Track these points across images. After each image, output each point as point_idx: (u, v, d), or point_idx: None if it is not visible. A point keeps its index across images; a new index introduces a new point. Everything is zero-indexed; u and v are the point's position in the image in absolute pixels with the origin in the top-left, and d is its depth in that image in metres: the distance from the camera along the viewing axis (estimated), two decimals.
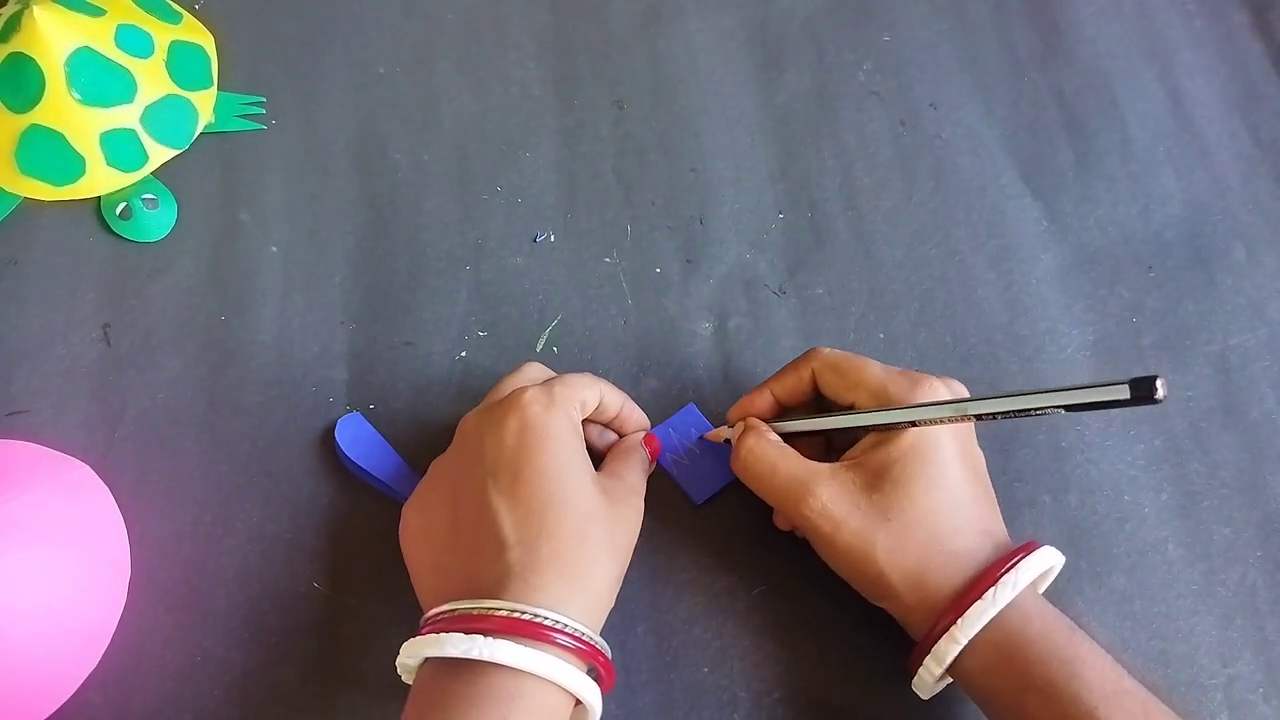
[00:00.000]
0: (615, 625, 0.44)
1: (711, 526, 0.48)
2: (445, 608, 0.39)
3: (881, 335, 0.53)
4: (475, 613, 0.37)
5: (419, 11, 0.61)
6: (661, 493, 0.49)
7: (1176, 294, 0.55)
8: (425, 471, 0.48)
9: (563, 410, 0.42)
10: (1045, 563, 0.41)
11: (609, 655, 0.40)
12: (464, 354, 0.52)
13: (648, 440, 0.48)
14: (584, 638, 0.38)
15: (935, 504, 0.41)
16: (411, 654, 0.38)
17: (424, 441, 0.50)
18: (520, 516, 0.39)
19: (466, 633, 0.37)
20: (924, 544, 0.41)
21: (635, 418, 0.48)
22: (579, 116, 0.59)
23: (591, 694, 0.38)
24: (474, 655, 0.36)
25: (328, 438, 0.49)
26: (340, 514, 0.48)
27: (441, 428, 0.50)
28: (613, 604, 0.41)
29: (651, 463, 0.48)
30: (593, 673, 0.39)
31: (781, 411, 0.47)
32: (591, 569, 0.39)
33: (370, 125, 0.58)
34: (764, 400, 0.47)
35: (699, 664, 0.46)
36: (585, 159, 0.57)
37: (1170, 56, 0.62)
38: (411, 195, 0.56)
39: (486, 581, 0.39)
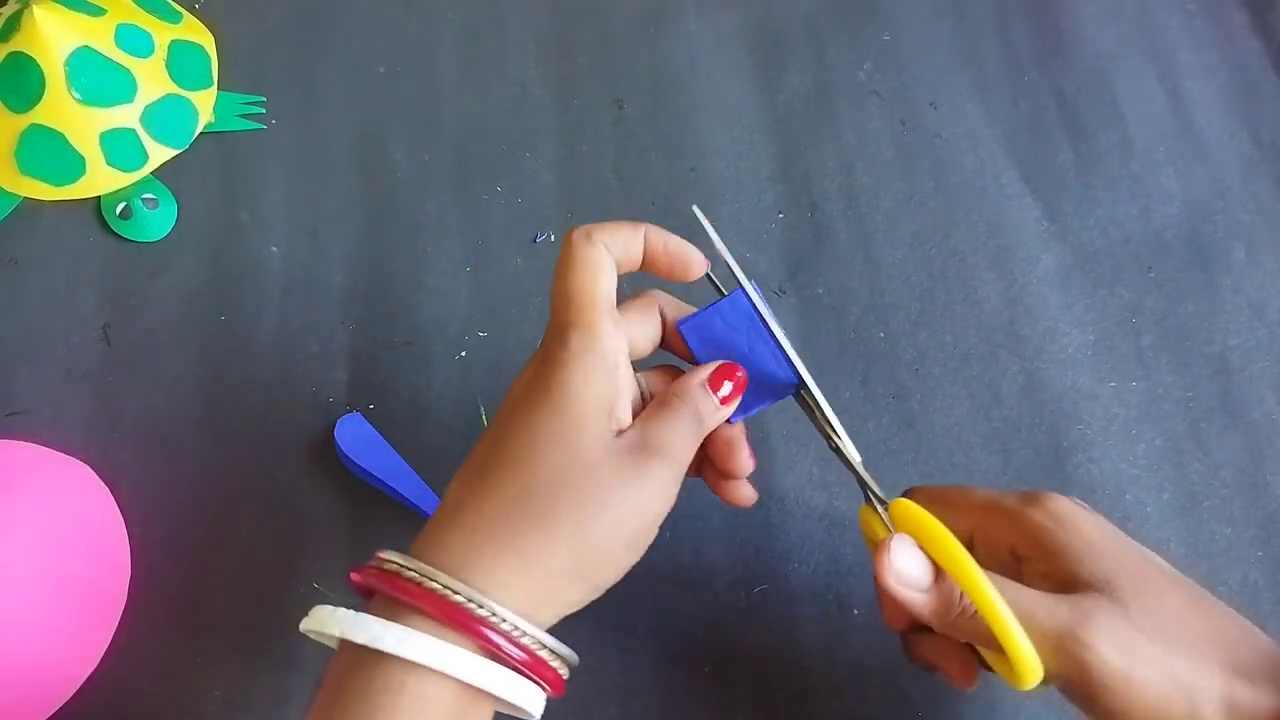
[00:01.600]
0: (616, 625, 0.44)
1: (711, 525, 0.48)
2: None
3: (881, 335, 0.53)
4: (372, 568, 0.33)
5: (419, 11, 0.61)
6: None
7: (1176, 294, 0.55)
8: (425, 471, 0.48)
9: (597, 336, 0.34)
10: None
11: (534, 646, 0.32)
12: (464, 354, 0.52)
13: (721, 375, 0.36)
14: (485, 618, 0.31)
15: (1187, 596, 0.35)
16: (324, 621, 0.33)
17: (424, 441, 0.50)
18: (475, 466, 0.34)
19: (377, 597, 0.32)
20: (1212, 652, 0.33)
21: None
22: (579, 116, 0.59)
23: (471, 672, 0.31)
24: (315, 626, 0.32)
25: (328, 438, 0.49)
26: (340, 514, 0.48)
27: (441, 428, 0.50)
28: (580, 596, 0.34)
29: (729, 400, 0.36)
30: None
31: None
32: (539, 534, 0.32)
33: (370, 125, 0.58)
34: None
35: (699, 664, 0.46)
36: (585, 159, 0.57)
37: (1170, 57, 0.62)
38: (411, 195, 0.56)
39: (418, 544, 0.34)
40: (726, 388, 0.36)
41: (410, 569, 0.32)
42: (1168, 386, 0.52)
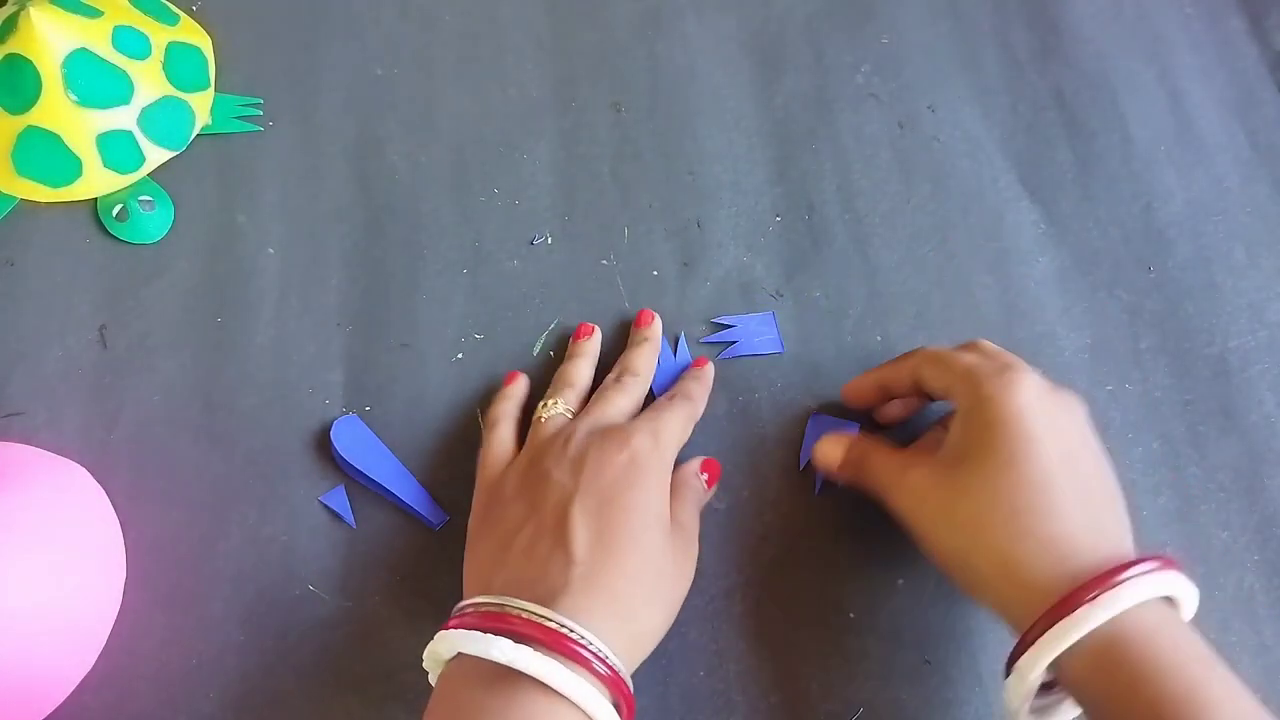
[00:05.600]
0: None
1: (709, 529, 0.48)
2: (492, 600, 0.39)
3: (879, 338, 0.53)
4: (523, 616, 0.37)
5: (417, 13, 0.61)
6: None
7: (1176, 296, 0.54)
8: (422, 473, 0.48)
9: (666, 454, 0.44)
10: (1167, 587, 0.37)
11: (632, 694, 0.39)
12: (460, 356, 0.52)
13: (706, 466, 0.48)
14: (618, 670, 0.38)
15: (1011, 481, 0.40)
16: (448, 647, 0.38)
17: (420, 444, 0.50)
18: (594, 540, 0.40)
19: (513, 636, 0.36)
20: (1004, 522, 0.39)
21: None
22: (576, 118, 0.58)
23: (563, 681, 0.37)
24: (517, 666, 0.36)
25: (324, 440, 0.49)
26: (336, 516, 0.48)
27: (438, 430, 0.50)
28: (647, 655, 0.41)
29: (710, 489, 0.48)
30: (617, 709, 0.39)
31: (887, 399, 0.49)
32: (638, 611, 0.40)
33: (368, 127, 0.58)
34: (866, 383, 0.49)
35: (695, 668, 0.46)
36: (583, 161, 0.57)
37: (1169, 58, 0.61)
38: (408, 197, 0.56)
39: (542, 590, 0.39)
40: (708, 471, 0.48)
41: (524, 610, 0.38)
42: (1165, 389, 0.52)
